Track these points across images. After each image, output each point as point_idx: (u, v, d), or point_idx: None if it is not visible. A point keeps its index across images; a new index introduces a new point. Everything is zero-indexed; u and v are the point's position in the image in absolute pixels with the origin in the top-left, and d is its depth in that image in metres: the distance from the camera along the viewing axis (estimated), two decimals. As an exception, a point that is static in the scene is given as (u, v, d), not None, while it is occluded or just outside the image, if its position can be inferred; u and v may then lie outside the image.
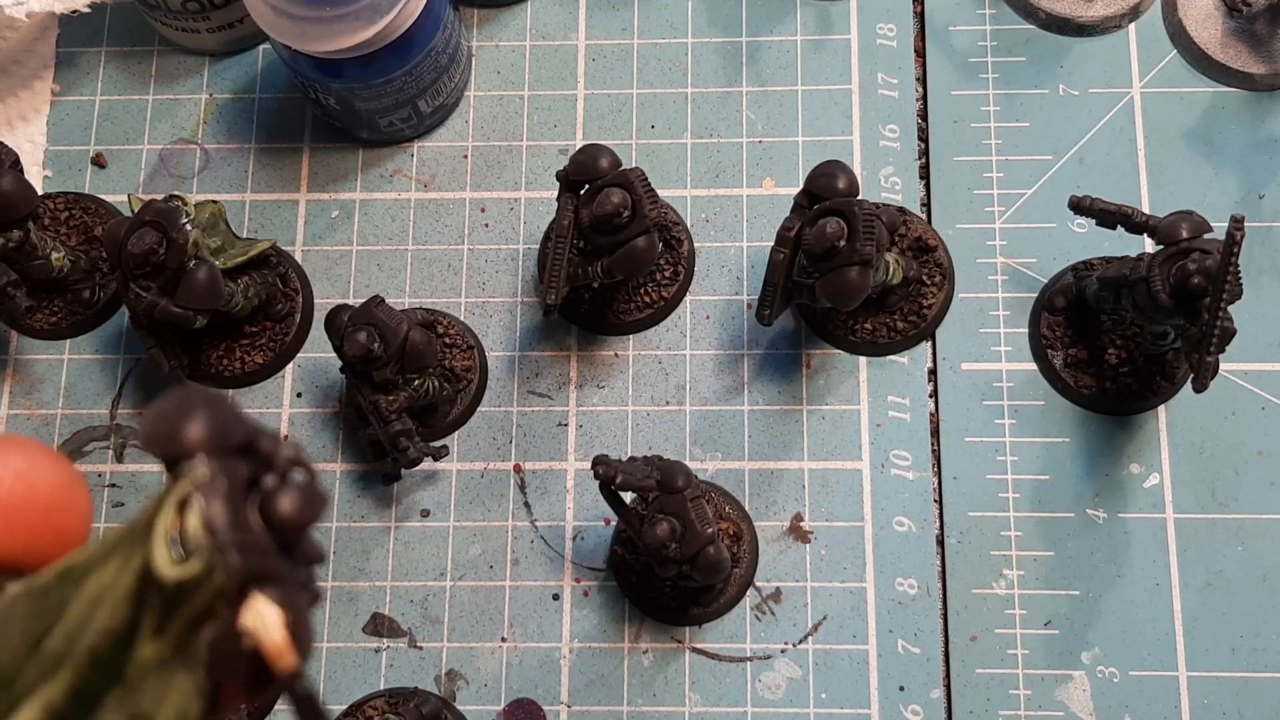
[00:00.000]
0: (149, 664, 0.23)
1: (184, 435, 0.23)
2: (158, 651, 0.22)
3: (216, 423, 0.23)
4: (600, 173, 0.59)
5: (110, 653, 0.23)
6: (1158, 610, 0.62)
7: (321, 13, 0.60)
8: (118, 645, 0.23)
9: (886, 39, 0.71)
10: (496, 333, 0.68)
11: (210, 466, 0.22)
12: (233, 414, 0.23)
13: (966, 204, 0.68)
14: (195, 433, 0.23)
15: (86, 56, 0.74)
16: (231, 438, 0.23)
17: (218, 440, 0.23)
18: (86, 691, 0.23)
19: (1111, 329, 0.64)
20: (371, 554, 0.65)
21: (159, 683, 0.23)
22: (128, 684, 0.23)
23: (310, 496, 0.23)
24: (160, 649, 0.22)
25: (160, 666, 0.23)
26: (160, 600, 0.22)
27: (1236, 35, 0.69)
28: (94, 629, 0.23)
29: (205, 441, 0.23)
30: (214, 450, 0.23)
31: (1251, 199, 0.67)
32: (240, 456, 0.23)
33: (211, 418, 0.23)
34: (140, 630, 0.23)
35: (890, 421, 0.65)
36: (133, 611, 0.23)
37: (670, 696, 0.62)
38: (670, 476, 0.55)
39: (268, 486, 0.23)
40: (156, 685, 0.23)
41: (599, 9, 0.72)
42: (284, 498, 0.23)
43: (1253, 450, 0.63)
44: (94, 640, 0.23)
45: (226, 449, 0.23)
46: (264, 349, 0.67)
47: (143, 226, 0.59)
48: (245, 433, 0.24)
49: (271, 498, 0.23)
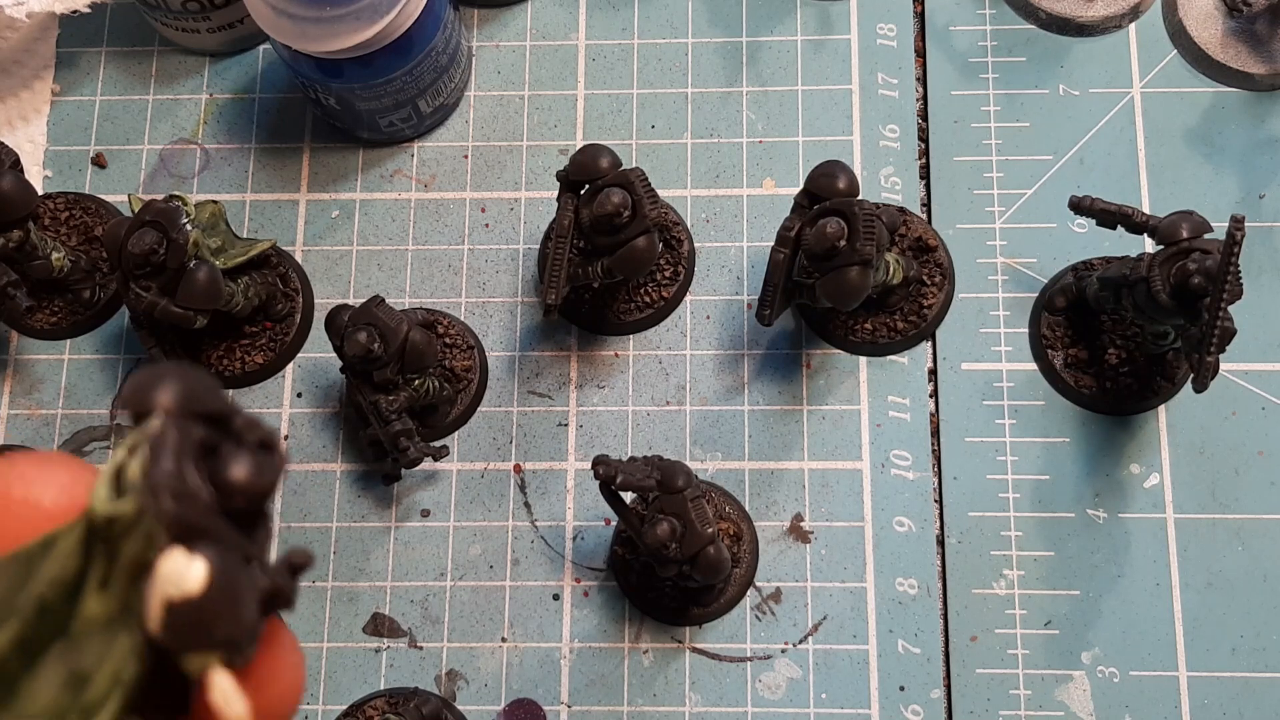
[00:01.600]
0: (94, 620, 0.23)
1: (151, 395, 0.23)
2: (104, 606, 0.23)
3: (186, 389, 0.23)
4: (600, 173, 0.59)
5: (58, 604, 0.23)
6: (1158, 610, 0.62)
7: (322, 13, 0.60)
8: (66, 596, 0.23)
9: (886, 39, 0.71)
10: (496, 333, 0.68)
11: (164, 421, 0.23)
12: (208, 387, 0.24)
13: (966, 204, 0.68)
14: (163, 395, 0.23)
15: (86, 56, 0.74)
16: (200, 406, 0.24)
17: (184, 404, 0.23)
18: (32, 641, 0.23)
19: (1111, 329, 0.64)
20: (371, 554, 0.65)
21: (102, 641, 0.23)
22: (72, 638, 0.23)
23: (265, 466, 0.23)
24: (106, 604, 0.23)
25: (106, 624, 0.23)
26: (104, 552, 0.22)
27: (1236, 35, 0.69)
28: (44, 578, 0.23)
29: (171, 403, 0.23)
30: (177, 412, 0.23)
31: (1251, 199, 0.67)
32: (208, 425, 0.24)
33: (182, 384, 0.23)
34: (87, 582, 0.23)
35: (890, 421, 0.65)
36: (80, 562, 0.23)
37: (670, 696, 0.62)
38: (670, 476, 0.55)
39: (224, 453, 0.23)
40: (100, 643, 0.23)
41: (599, 9, 0.72)
42: (237, 463, 0.23)
43: (1253, 450, 0.63)
44: (43, 589, 0.23)
45: (192, 414, 0.23)
46: (264, 349, 0.67)
47: (143, 226, 0.59)
48: (216, 405, 0.24)
49: (224, 462, 0.23)
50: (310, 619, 0.64)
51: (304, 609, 0.64)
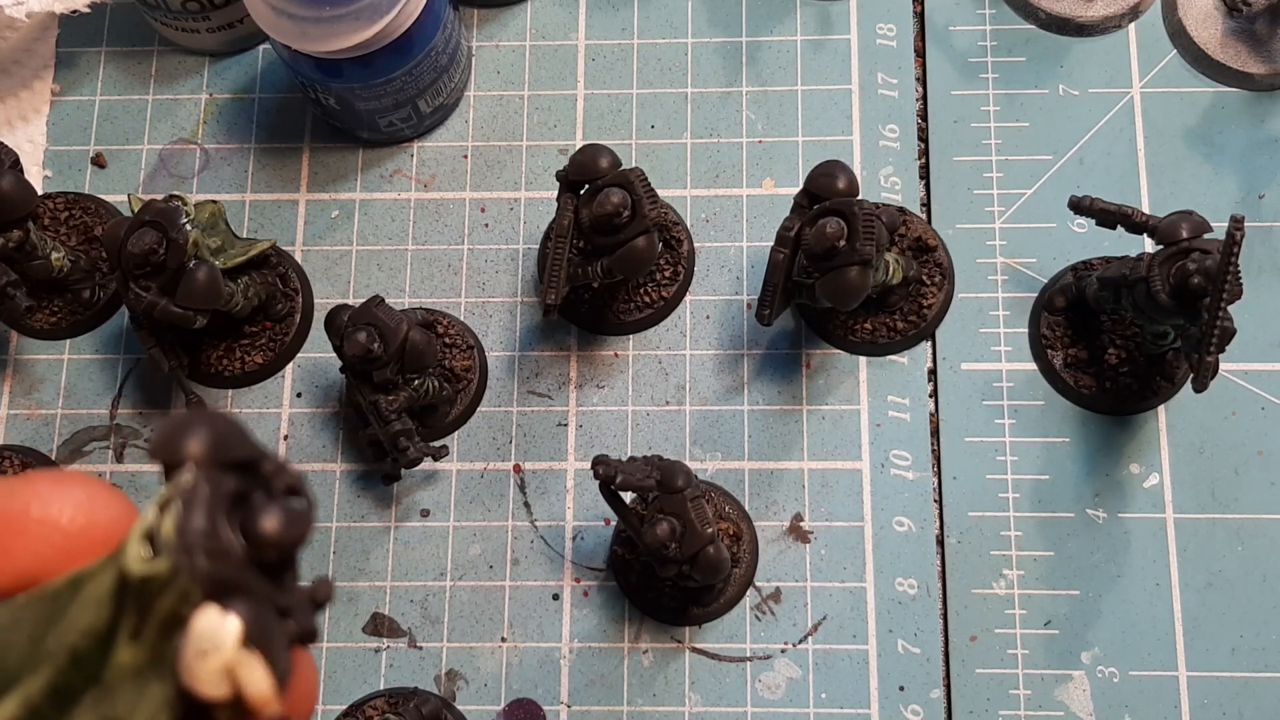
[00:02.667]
0: (126, 668, 0.23)
1: (182, 445, 0.23)
2: (134, 657, 0.23)
3: (217, 438, 0.23)
4: (600, 173, 0.59)
5: (90, 653, 0.23)
6: (1158, 610, 0.62)
7: (321, 13, 0.60)
8: (98, 646, 0.23)
9: (886, 39, 0.71)
10: (496, 333, 0.68)
11: (196, 474, 0.23)
12: (238, 434, 0.24)
13: (966, 204, 0.68)
14: (193, 444, 0.23)
15: (86, 56, 0.74)
16: (231, 454, 0.23)
17: (215, 453, 0.23)
18: (65, 689, 0.23)
19: (1111, 329, 0.64)
20: (371, 554, 0.65)
21: (134, 689, 0.23)
22: (105, 686, 0.23)
23: (296, 518, 0.23)
24: (137, 655, 0.23)
25: (137, 673, 0.23)
26: (136, 603, 0.22)
27: (1236, 35, 0.69)
28: (76, 628, 0.23)
29: (202, 453, 0.23)
30: (208, 462, 0.23)
31: (1251, 199, 0.67)
32: (237, 473, 0.23)
33: (213, 433, 0.23)
34: (119, 633, 0.23)
35: (890, 421, 0.65)
36: (112, 613, 0.23)
37: (670, 696, 0.62)
38: (670, 476, 0.55)
39: (255, 503, 0.23)
40: (132, 691, 0.23)
41: (599, 9, 0.72)
42: (268, 515, 0.23)
43: (1253, 450, 0.63)
44: (75, 639, 0.23)
45: (223, 463, 0.23)
46: (264, 349, 0.67)
47: (143, 226, 0.59)
48: (248, 452, 0.24)
49: (255, 513, 0.23)
50: (310, 619, 0.64)
51: (304, 609, 0.64)
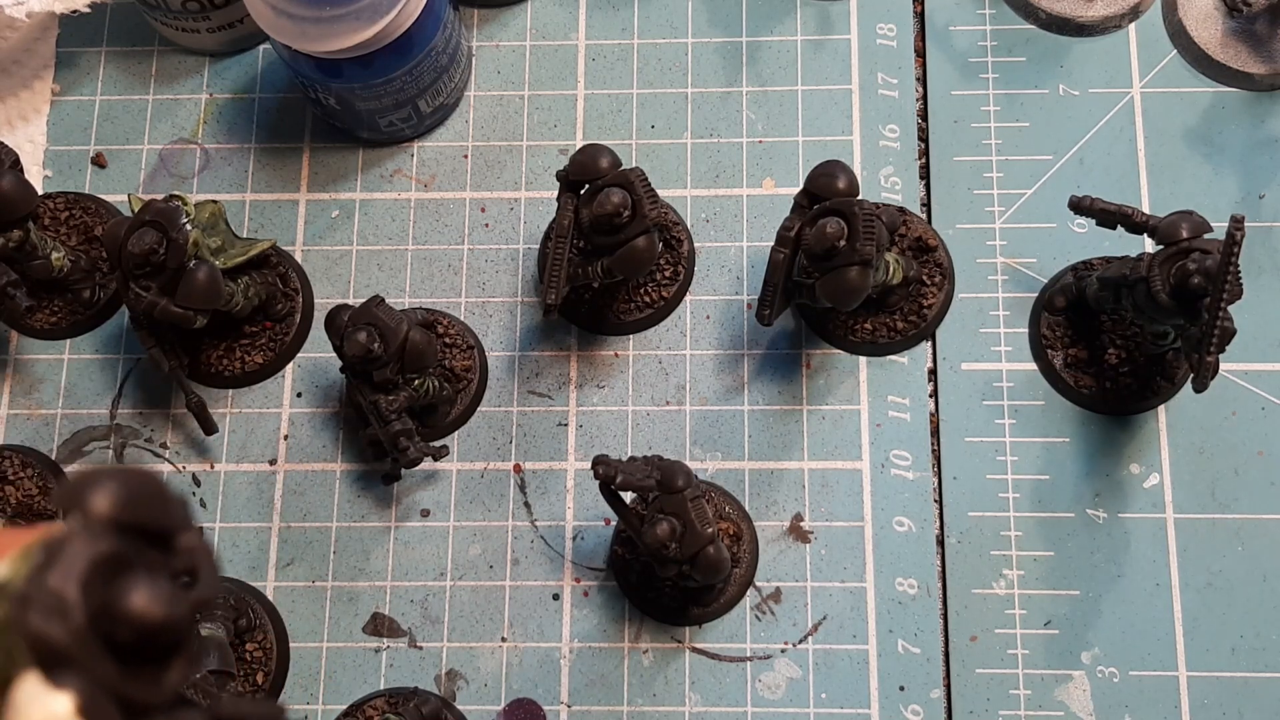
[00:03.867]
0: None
1: (87, 497, 0.21)
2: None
3: (129, 498, 0.21)
4: (600, 173, 0.59)
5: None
6: (1158, 610, 0.62)
7: (321, 13, 0.60)
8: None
9: (886, 39, 0.71)
10: (496, 333, 0.68)
11: (75, 527, 0.20)
12: (159, 500, 0.21)
13: (966, 204, 0.68)
14: (99, 499, 0.21)
15: (86, 56, 0.74)
16: (140, 519, 0.21)
17: (120, 514, 0.21)
18: None
19: (1111, 329, 0.64)
20: (371, 554, 0.65)
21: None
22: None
23: (168, 600, 0.20)
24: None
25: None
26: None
27: (1236, 35, 0.69)
28: None
29: (102, 511, 0.20)
30: (105, 522, 0.20)
31: (1251, 199, 0.67)
32: (140, 542, 0.21)
33: (126, 493, 0.21)
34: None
35: (890, 421, 0.65)
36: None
37: (670, 696, 0.62)
38: (670, 476, 0.55)
39: (132, 575, 0.20)
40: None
41: (599, 9, 0.72)
42: (135, 590, 0.20)
43: (1253, 450, 0.63)
44: None
45: (126, 526, 0.21)
46: (264, 349, 0.67)
47: (143, 226, 0.59)
48: (162, 522, 0.21)
49: (125, 586, 0.20)
50: (310, 619, 0.64)
51: (304, 609, 0.64)
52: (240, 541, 0.65)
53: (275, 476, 0.66)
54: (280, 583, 0.65)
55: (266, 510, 0.66)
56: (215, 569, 0.22)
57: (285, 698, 0.63)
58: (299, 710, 0.63)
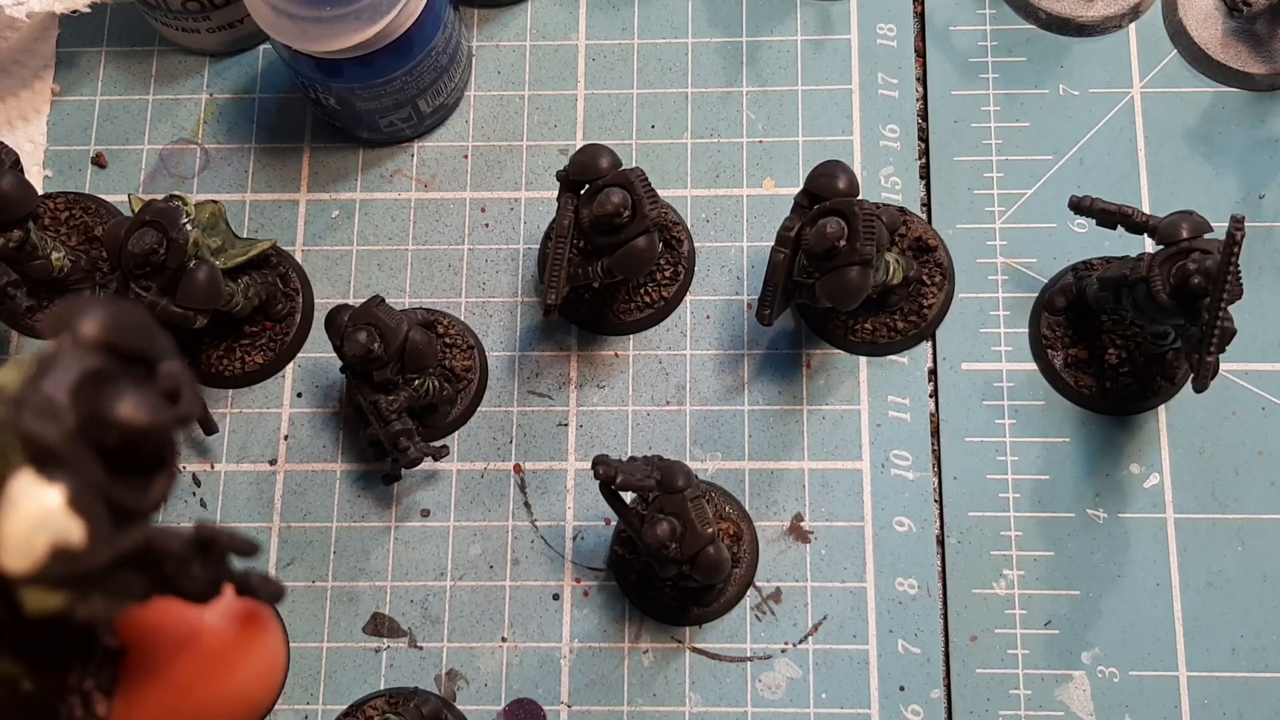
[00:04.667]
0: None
1: (75, 321, 0.22)
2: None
3: (115, 323, 0.22)
4: (600, 173, 0.59)
5: None
6: (1158, 610, 0.62)
7: (322, 13, 0.60)
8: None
9: (886, 39, 0.71)
10: (496, 333, 0.68)
11: (65, 344, 0.22)
12: (140, 325, 0.23)
13: (966, 204, 0.68)
14: (87, 323, 0.22)
15: (86, 56, 0.74)
16: (124, 341, 0.22)
17: (107, 336, 0.22)
18: None
19: (1111, 329, 0.64)
20: (371, 554, 0.65)
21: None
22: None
23: (153, 408, 0.22)
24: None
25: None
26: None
27: (1236, 35, 0.69)
28: None
29: (91, 333, 0.22)
30: (93, 343, 0.22)
31: (1251, 199, 0.67)
32: (122, 361, 0.22)
33: (108, 316, 0.22)
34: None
35: (890, 421, 0.65)
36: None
37: (670, 696, 0.62)
38: (670, 476, 0.55)
39: (119, 388, 0.22)
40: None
41: (599, 9, 0.72)
42: (123, 398, 0.21)
43: (1253, 450, 0.63)
44: None
45: (112, 349, 0.22)
46: (264, 349, 0.67)
47: (143, 226, 0.59)
48: (141, 345, 0.22)
49: (111, 395, 0.22)
50: (310, 619, 0.64)
51: (304, 609, 0.64)
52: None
53: (275, 476, 0.66)
54: (280, 583, 0.64)
55: (266, 510, 0.66)
56: (197, 394, 0.23)
57: (285, 698, 0.63)
58: (299, 710, 0.63)
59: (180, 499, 0.66)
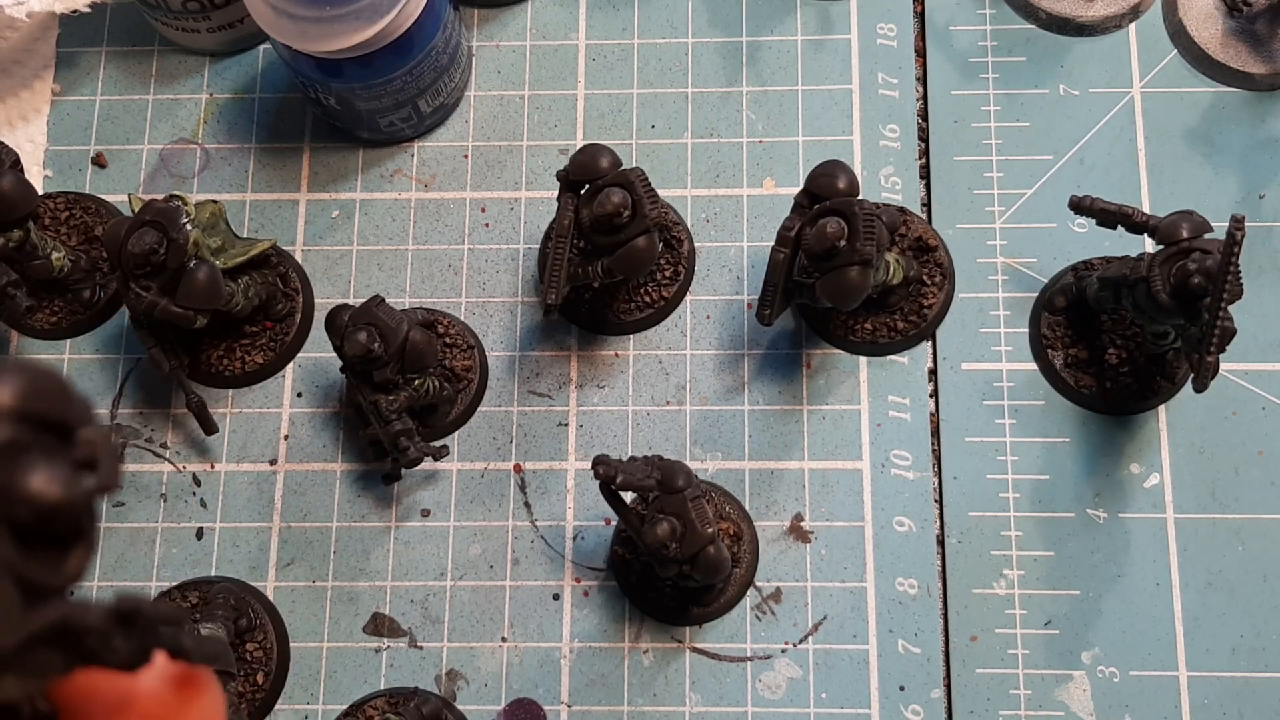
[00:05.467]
0: None
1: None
2: None
3: (30, 390, 0.22)
4: (600, 173, 0.59)
5: None
6: (1158, 610, 0.62)
7: (322, 13, 0.60)
8: None
9: (886, 39, 0.71)
10: (496, 333, 0.68)
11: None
12: (60, 393, 0.22)
13: (966, 204, 0.68)
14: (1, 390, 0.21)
15: (87, 56, 0.74)
16: (41, 408, 0.22)
17: (21, 403, 0.21)
18: None
19: (1111, 329, 0.64)
20: (371, 554, 0.65)
21: None
22: None
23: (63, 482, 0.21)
24: None
25: None
26: None
27: (1236, 35, 0.69)
28: None
29: (6, 400, 0.21)
30: (9, 413, 0.21)
31: (1251, 199, 0.67)
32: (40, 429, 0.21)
33: (24, 384, 0.21)
34: None
35: (890, 421, 0.65)
36: None
37: (670, 696, 0.62)
38: (670, 476, 0.55)
39: (30, 458, 0.21)
40: None
41: (599, 9, 0.72)
42: (31, 471, 0.21)
43: (1253, 450, 0.63)
44: None
45: (26, 416, 0.21)
46: (264, 349, 0.67)
47: (143, 226, 0.59)
48: (60, 412, 0.22)
49: (23, 468, 0.21)
50: (310, 619, 0.64)
51: (304, 609, 0.64)
52: (240, 541, 0.65)
53: (275, 476, 0.66)
54: (280, 583, 0.65)
55: (267, 510, 0.66)
56: (116, 461, 0.22)
57: (285, 698, 0.63)
58: (299, 710, 0.63)
59: (181, 499, 0.66)
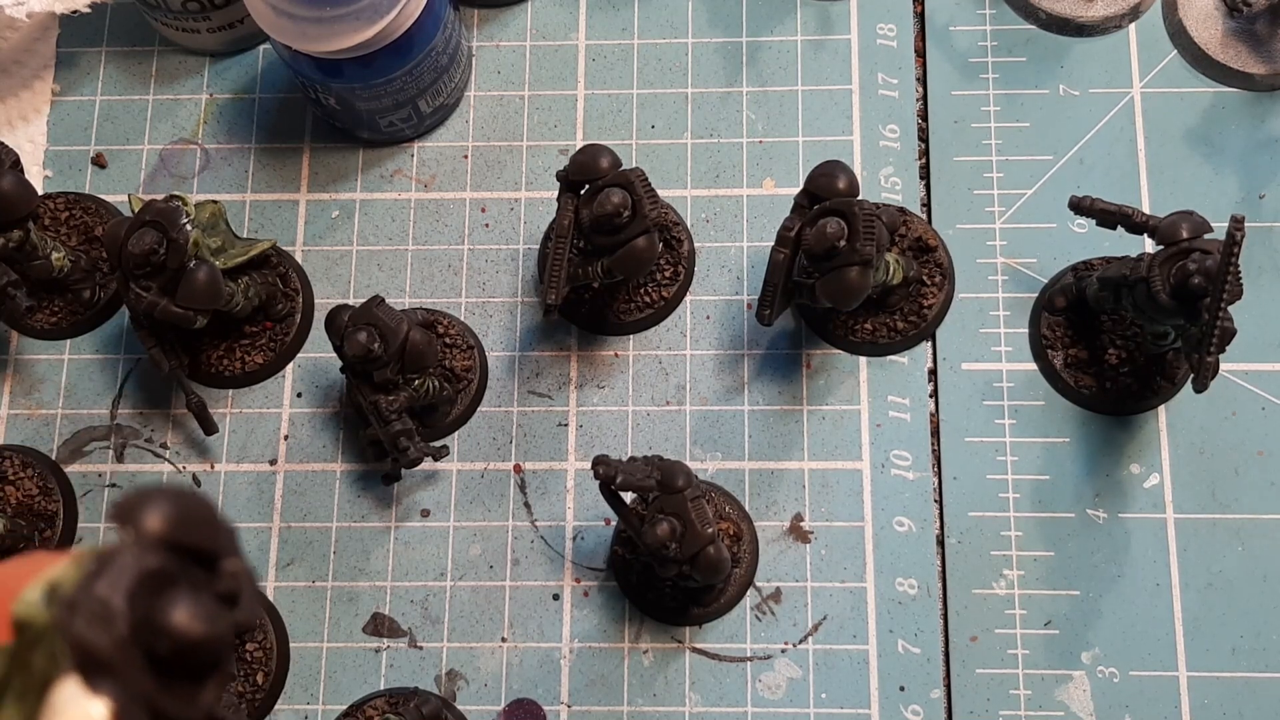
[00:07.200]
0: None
1: (141, 515, 0.21)
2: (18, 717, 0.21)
3: (180, 518, 0.21)
4: (600, 173, 0.59)
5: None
6: (1158, 610, 0.62)
7: (322, 13, 0.60)
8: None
9: (886, 39, 0.71)
10: (496, 333, 0.68)
11: (127, 542, 0.21)
12: (205, 519, 0.22)
13: (966, 204, 0.68)
14: (152, 518, 0.21)
15: (87, 56, 0.74)
16: (189, 539, 0.22)
17: (170, 533, 0.21)
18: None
19: (1111, 329, 0.64)
20: (371, 554, 0.65)
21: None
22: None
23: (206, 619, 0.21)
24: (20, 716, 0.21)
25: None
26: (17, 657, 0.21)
27: (1236, 35, 0.69)
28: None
29: (155, 530, 0.21)
30: (156, 540, 0.21)
31: (1251, 199, 0.67)
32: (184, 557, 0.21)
33: (177, 513, 0.21)
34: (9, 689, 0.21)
35: (890, 421, 0.65)
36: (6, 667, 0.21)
37: (670, 696, 0.62)
38: (670, 476, 0.55)
39: (176, 592, 0.21)
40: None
41: (599, 9, 0.72)
42: (177, 606, 0.21)
43: (1253, 450, 0.63)
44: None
45: (175, 545, 0.21)
46: (264, 349, 0.67)
47: (143, 226, 0.59)
48: (208, 544, 0.22)
49: (169, 601, 0.21)
50: (310, 619, 0.64)
51: (304, 609, 0.64)
52: (240, 542, 0.65)
53: (275, 477, 0.66)
54: (280, 583, 0.65)
55: (267, 510, 0.66)
56: (256, 595, 0.23)
57: (285, 698, 0.63)
58: (299, 710, 0.63)
59: (180, 499, 0.66)
